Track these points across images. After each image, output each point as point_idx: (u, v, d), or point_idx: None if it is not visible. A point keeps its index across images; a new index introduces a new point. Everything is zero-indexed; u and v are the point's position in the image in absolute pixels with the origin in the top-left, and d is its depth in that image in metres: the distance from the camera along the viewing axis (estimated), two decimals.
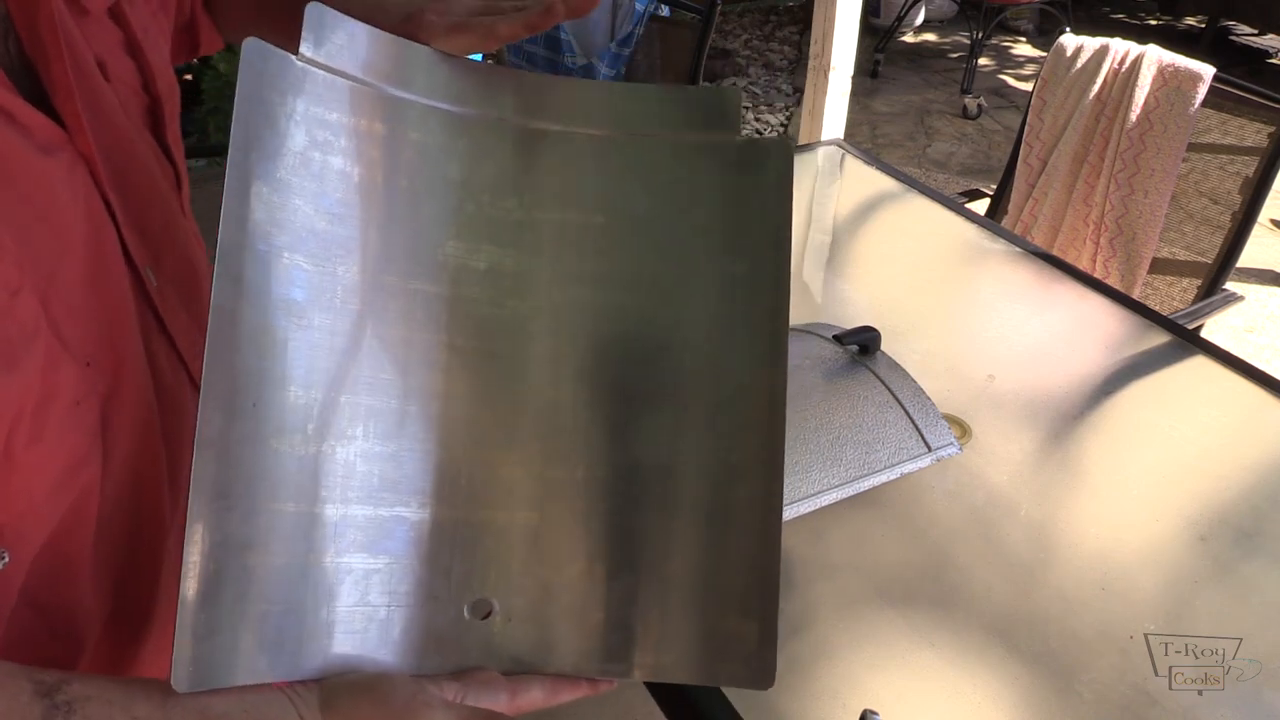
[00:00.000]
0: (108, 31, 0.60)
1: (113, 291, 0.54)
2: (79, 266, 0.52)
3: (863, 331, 1.19)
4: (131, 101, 0.61)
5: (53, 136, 0.52)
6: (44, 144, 0.51)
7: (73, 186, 0.52)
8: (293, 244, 0.54)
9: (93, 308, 0.52)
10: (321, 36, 0.56)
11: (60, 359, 0.49)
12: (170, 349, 0.59)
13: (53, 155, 0.51)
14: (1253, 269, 3.17)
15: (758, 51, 4.84)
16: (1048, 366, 1.34)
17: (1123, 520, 1.08)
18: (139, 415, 0.55)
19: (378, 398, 0.57)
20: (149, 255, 0.57)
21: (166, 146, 0.64)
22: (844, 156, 1.97)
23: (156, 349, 0.57)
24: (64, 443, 0.50)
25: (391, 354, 0.57)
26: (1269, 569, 1.04)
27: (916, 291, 1.53)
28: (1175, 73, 1.83)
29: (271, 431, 0.52)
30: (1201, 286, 1.88)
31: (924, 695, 0.89)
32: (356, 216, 0.56)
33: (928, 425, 1.12)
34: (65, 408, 0.50)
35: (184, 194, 0.65)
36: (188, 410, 0.59)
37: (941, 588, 1.00)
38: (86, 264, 0.52)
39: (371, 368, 0.56)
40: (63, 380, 0.49)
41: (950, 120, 4.26)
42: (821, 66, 2.32)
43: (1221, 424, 1.24)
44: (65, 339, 0.49)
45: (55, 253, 0.50)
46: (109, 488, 0.54)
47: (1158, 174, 1.86)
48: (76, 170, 0.53)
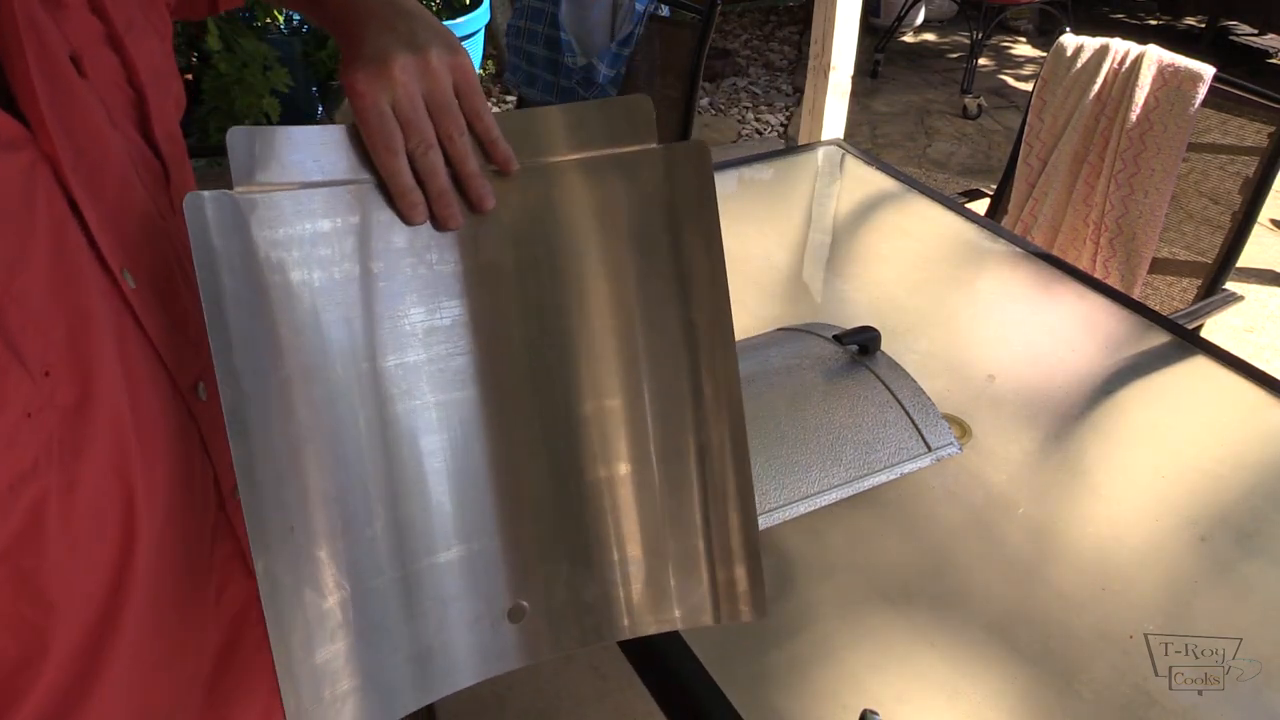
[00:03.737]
0: (87, 24, 0.58)
1: (80, 298, 0.52)
2: (40, 273, 0.50)
3: (863, 331, 1.19)
4: (113, 96, 0.59)
5: (14, 134, 0.50)
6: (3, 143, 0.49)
7: (32, 188, 0.50)
8: (291, 371, 0.58)
9: (55, 316, 0.50)
10: (248, 160, 0.57)
11: (9, 369, 0.47)
12: (149, 351, 0.57)
13: (12, 154, 0.50)
14: (1253, 269, 3.17)
15: (758, 51, 4.84)
16: (1048, 366, 1.34)
17: (1123, 520, 1.08)
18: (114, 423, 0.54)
19: (409, 468, 0.63)
20: (125, 257, 0.55)
21: (154, 142, 0.62)
22: (844, 156, 1.97)
23: (133, 353, 0.56)
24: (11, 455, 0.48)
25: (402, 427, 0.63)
26: (1269, 569, 1.04)
27: (916, 291, 1.53)
28: (1175, 73, 1.83)
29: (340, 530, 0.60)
30: (1201, 286, 1.88)
31: (924, 695, 0.89)
32: (339, 317, 0.60)
33: (928, 425, 1.12)
34: (15, 419, 0.48)
35: (173, 190, 0.63)
36: (168, 413, 0.58)
37: (941, 587, 1.00)
38: (49, 270, 0.50)
39: (387, 444, 0.63)
40: (11, 391, 0.48)
41: (950, 120, 4.26)
42: (821, 66, 2.32)
43: (1221, 424, 1.24)
44: (19, 349, 0.48)
45: (9, 259, 0.48)
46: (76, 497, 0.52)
47: (1158, 174, 1.86)
48: (38, 170, 0.51)
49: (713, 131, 3.99)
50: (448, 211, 0.62)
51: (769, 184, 1.94)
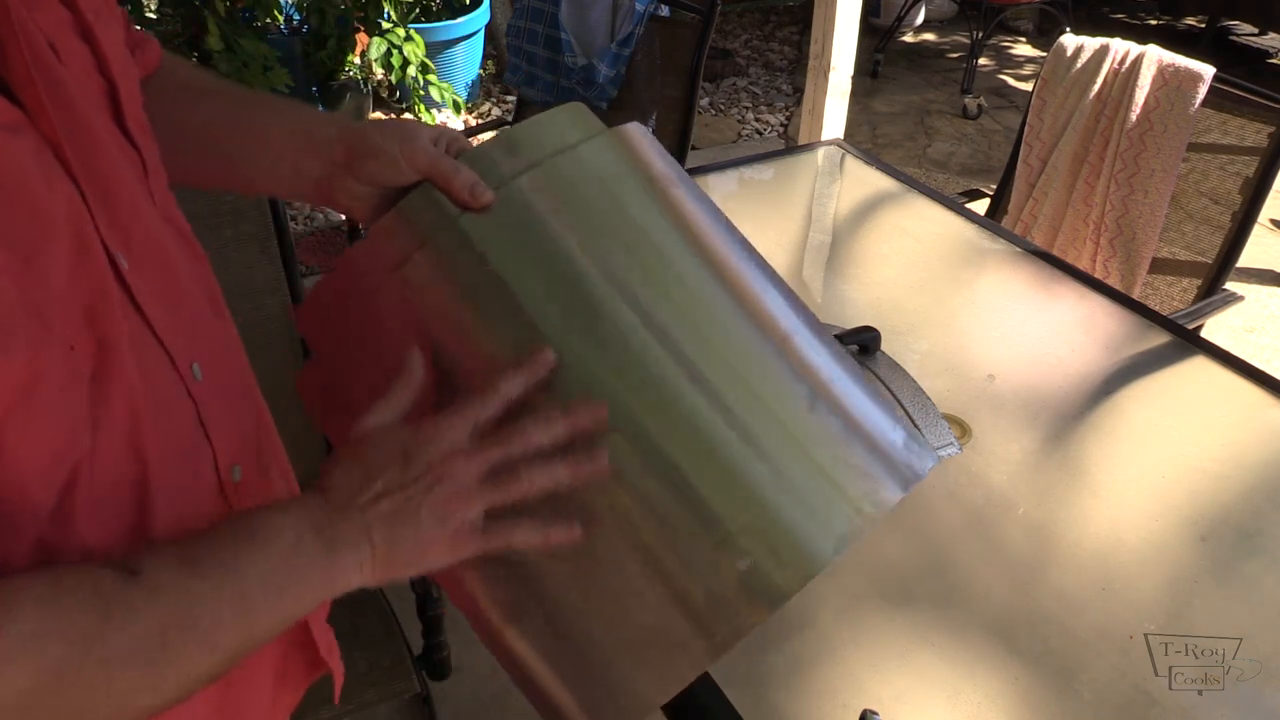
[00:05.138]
0: (56, 13, 0.59)
1: (95, 275, 0.53)
2: (61, 248, 0.51)
3: (863, 331, 1.19)
4: (88, 84, 0.60)
5: (14, 118, 0.50)
6: (6, 126, 0.50)
7: (42, 167, 0.51)
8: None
9: (73, 291, 0.51)
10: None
11: (44, 342, 0.48)
12: (146, 329, 0.58)
13: (17, 137, 0.50)
14: (1253, 269, 3.17)
15: (758, 51, 4.84)
16: (1048, 366, 1.34)
17: (1123, 520, 1.08)
18: (128, 395, 0.55)
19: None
20: (119, 238, 0.56)
21: (128, 133, 0.62)
22: (844, 156, 1.97)
23: (134, 330, 0.57)
24: (52, 427, 0.50)
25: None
26: (1269, 569, 1.04)
27: (916, 291, 1.53)
28: (1175, 73, 1.83)
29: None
30: (1201, 286, 1.88)
31: (924, 695, 0.89)
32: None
33: (928, 425, 1.12)
34: (52, 392, 0.49)
35: (151, 181, 0.64)
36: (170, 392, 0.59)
37: (941, 587, 1.00)
38: (68, 245, 0.51)
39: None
40: (47, 364, 0.49)
41: (950, 120, 4.26)
42: (821, 66, 2.33)
43: (1221, 424, 1.24)
44: (48, 322, 0.49)
45: (33, 235, 0.49)
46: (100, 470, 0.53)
47: (1158, 174, 1.86)
48: (43, 152, 0.51)
49: (713, 131, 3.99)
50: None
51: (769, 184, 1.94)
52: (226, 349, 0.68)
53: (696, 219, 0.69)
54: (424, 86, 3.14)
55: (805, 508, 0.61)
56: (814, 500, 0.61)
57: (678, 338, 0.62)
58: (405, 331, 0.63)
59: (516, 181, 0.64)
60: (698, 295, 0.65)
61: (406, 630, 1.31)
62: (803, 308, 0.71)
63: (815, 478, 0.62)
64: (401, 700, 1.26)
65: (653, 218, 0.67)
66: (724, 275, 0.67)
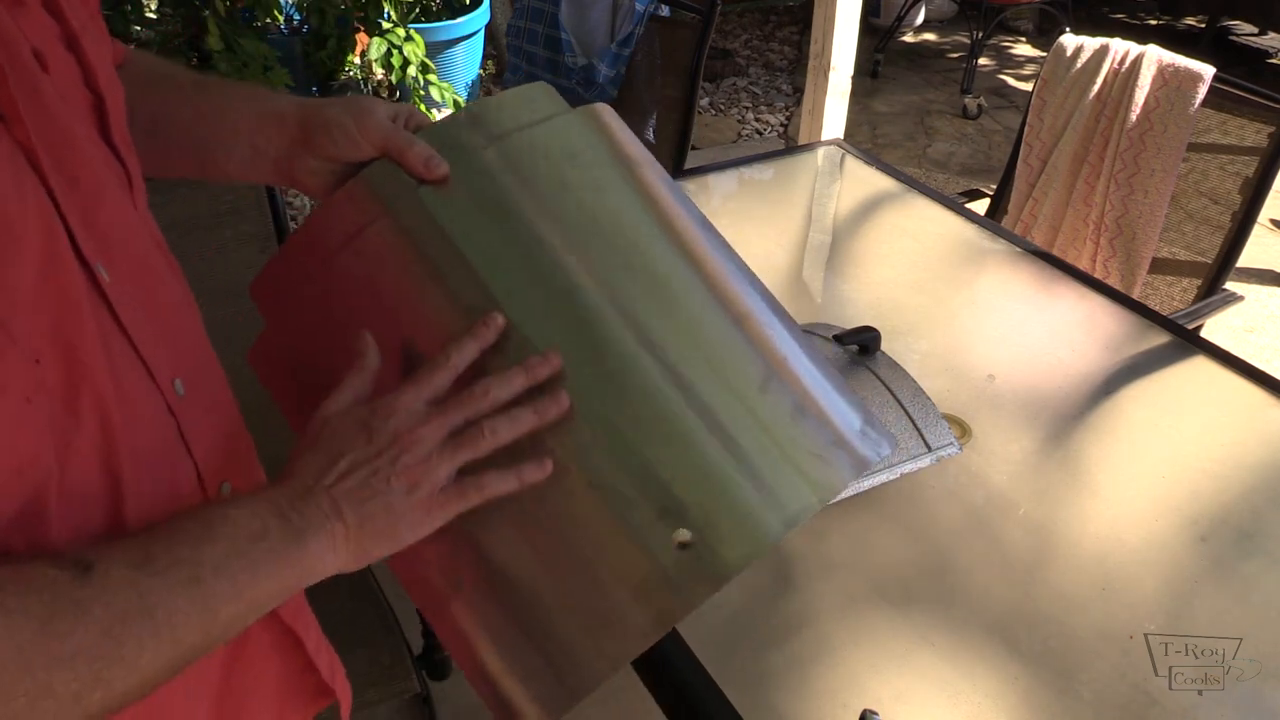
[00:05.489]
0: (44, 24, 0.58)
1: (65, 288, 0.52)
2: (29, 258, 0.49)
3: (863, 331, 1.19)
4: (74, 96, 0.59)
5: None
6: None
7: (14, 175, 0.50)
8: None
9: (40, 302, 0.50)
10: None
11: (6, 353, 0.47)
12: (126, 344, 0.57)
13: None
14: (1253, 269, 3.16)
15: (758, 51, 4.84)
16: (1048, 366, 1.34)
17: (1123, 520, 1.08)
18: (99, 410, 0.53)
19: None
20: (99, 250, 0.55)
21: (114, 146, 0.62)
22: (844, 156, 1.97)
23: (111, 344, 0.55)
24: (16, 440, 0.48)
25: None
26: (1269, 569, 1.04)
27: (916, 291, 1.53)
28: (1175, 73, 1.83)
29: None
30: (1201, 286, 1.88)
31: (924, 695, 0.89)
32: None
33: (928, 425, 1.12)
34: (16, 404, 0.48)
35: (136, 193, 0.63)
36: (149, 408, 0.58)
37: (941, 588, 1.00)
38: (37, 256, 0.50)
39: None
40: (9, 376, 0.47)
41: (950, 120, 4.26)
42: (821, 66, 2.33)
43: (1221, 424, 1.24)
44: (13, 334, 0.47)
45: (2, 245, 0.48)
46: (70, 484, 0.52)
47: (1158, 174, 1.86)
48: (16, 159, 0.50)
49: (713, 131, 3.98)
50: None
51: (769, 184, 1.94)
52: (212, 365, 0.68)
53: (661, 196, 0.69)
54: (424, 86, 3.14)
55: (755, 484, 0.60)
56: (764, 477, 0.60)
57: (634, 308, 0.62)
58: (360, 302, 0.63)
59: (477, 154, 0.64)
60: (656, 267, 0.65)
61: (406, 630, 1.31)
62: (768, 294, 0.71)
63: (767, 455, 0.61)
64: (401, 700, 1.26)
65: (616, 194, 0.67)
66: (684, 251, 0.67)
